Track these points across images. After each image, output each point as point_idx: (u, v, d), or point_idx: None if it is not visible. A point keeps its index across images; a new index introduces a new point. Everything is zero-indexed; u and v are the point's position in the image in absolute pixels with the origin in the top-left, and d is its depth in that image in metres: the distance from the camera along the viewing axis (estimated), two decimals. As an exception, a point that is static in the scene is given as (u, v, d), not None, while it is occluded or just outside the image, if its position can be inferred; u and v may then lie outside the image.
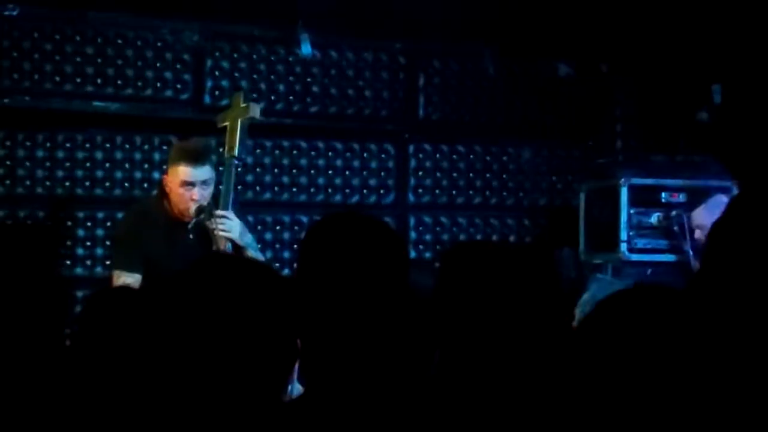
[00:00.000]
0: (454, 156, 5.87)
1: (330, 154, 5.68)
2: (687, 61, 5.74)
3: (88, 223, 5.30)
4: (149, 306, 2.56)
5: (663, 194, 5.33)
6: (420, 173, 5.82)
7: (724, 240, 2.42)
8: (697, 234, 4.85)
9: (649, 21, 5.47)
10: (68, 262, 5.25)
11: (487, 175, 5.91)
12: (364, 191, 5.73)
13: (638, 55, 5.84)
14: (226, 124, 4.65)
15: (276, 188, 5.60)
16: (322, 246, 1.94)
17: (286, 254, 5.54)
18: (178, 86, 5.41)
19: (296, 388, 4.45)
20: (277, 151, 5.62)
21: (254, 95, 5.29)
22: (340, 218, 2.03)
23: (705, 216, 4.92)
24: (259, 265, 1.97)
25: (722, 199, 5.00)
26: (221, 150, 4.66)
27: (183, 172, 4.49)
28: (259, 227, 5.42)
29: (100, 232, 5.29)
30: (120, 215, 5.03)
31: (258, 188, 5.56)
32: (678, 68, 5.81)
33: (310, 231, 1.99)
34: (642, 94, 6.00)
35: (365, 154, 5.74)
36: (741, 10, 5.24)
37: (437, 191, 5.81)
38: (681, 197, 5.32)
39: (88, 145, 5.30)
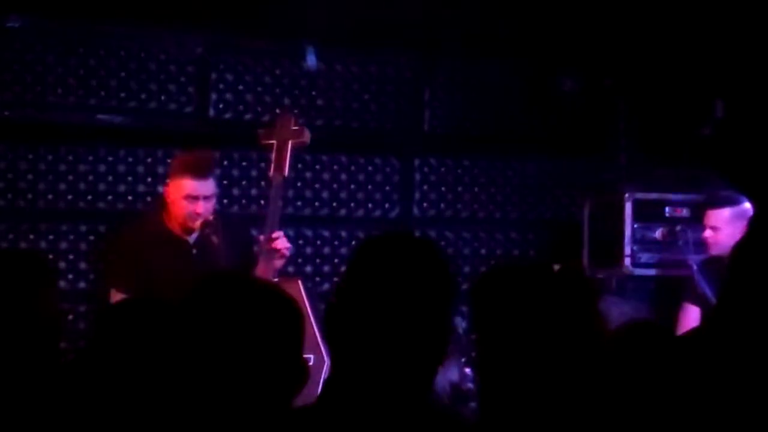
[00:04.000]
0: (459, 170, 5.84)
1: (335, 167, 5.65)
2: (690, 76, 5.74)
3: (90, 237, 5.24)
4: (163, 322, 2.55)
5: (667, 208, 5.35)
6: (425, 187, 5.79)
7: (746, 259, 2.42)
8: None
9: (652, 36, 5.47)
10: (70, 276, 5.19)
11: (492, 189, 5.89)
12: (369, 205, 5.70)
13: (642, 69, 5.84)
14: (273, 142, 4.61)
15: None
16: (370, 263, 1.95)
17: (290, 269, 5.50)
18: (182, 99, 5.36)
19: None
20: (281, 165, 5.58)
21: (260, 107, 5.29)
22: (390, 238, 2.06)
23: None
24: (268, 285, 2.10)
25: None
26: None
27: (187, 185, 4.46)
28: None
29: (102, 246, 5.23)
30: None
31: (262, 202, 5.52)
32: (681, 83, 5.81)
33: (360, 248, 2.01)
34: (646, 108, 6.00)
35: (370, 168, 5.71)
36: (744, 24, 5.25)
37: (442, 205, 5.79)
38: (684, 212, 5.34)
39: (90, 158, 5.24)
